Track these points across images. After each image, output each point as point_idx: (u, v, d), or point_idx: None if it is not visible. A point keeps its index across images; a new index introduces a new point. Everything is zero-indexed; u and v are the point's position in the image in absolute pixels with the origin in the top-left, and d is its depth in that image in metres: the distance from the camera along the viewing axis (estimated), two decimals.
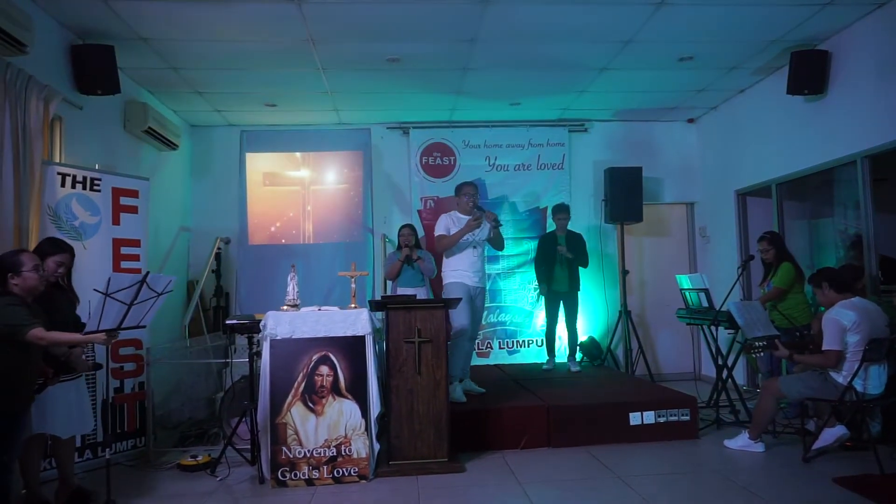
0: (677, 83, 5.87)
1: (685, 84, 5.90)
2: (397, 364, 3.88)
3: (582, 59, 5.20)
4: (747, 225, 6.29)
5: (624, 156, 6.95)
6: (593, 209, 6.96)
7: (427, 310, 3.95)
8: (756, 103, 5.95)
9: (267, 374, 3.79)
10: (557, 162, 6.90)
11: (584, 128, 7.03)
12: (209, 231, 6.56)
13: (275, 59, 5.00)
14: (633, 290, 6.96)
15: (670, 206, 7.21)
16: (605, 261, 6.90)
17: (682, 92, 6.14)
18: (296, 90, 5.78)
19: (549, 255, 5.99)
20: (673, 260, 7.11)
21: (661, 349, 7.04)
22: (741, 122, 6.21)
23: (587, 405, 4.47)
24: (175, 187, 6.39)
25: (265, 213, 6.55)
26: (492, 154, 6.86)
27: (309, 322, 3.85)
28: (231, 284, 6.60)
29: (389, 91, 5.88)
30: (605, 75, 5.59)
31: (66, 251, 3.32)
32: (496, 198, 6.80)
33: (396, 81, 5.60)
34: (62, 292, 3.33)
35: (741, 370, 6.14)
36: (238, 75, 5.36)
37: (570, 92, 6.07)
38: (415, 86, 5.75)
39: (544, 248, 6.09)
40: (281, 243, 6.52)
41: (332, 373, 3.83)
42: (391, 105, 6.35)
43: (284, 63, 5.10)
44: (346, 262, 6.08)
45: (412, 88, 5.82)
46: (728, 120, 6.48)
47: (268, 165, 6.62)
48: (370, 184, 6.64)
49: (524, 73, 5.50)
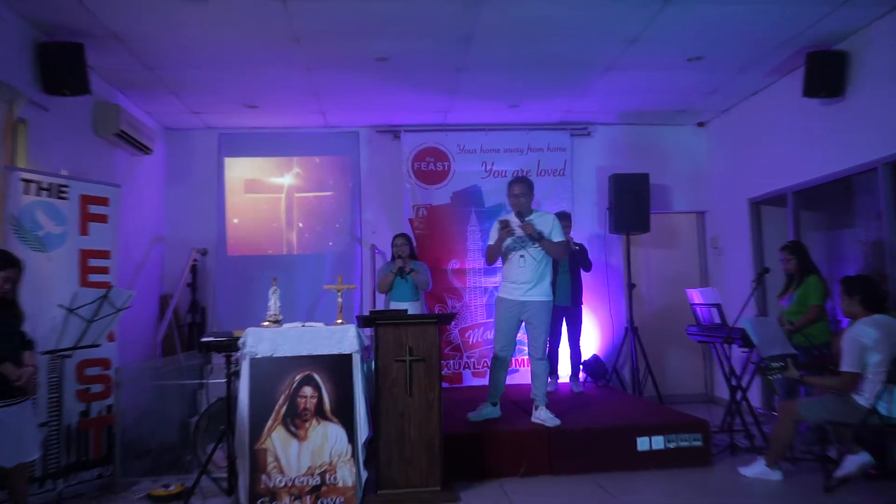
0: (686, 84, 5.90)
1: (695, 85, 5.94)
2: (387, 385, 3.87)
3: (584, 58, 5.23)
4: (762, 236, 6.31)
5: (630, 161, 6.96)
6: (597, 218, 6.96)
7: (419, 326, 3.94)
8: (770, 106, 5.99)
9: (246, 395, 3.78)
10: (559, 168, 6.92)
11: (588, 131, 7.06)
12: (185, 241, 6.56)
13: (256, 57, 5.01)
14: (640, 306, 6.94)
15: (679, 215, 7.23)
16: (610, 274, 6.91)
17: (692, 94, 6.17)
18: (279, 91, 5.80)
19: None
20: (683, 273, 7.11)
21: (670, 369, 7.02)
22: (755, 126, 6.24)
23: (591, 429, 4.45)
24: (148, 195, 6.39)
25: (245, 221, 6.64)
26: (489, 159, 6.88)
27: (292, 339, 3.84)
28: (208, 299, 6.60)
29: (379, 92, 5.89)
30: (609, 76, 5.63)
31: (15, 265, 3.37)
32: (493, 206, 6.81)
33: (386, 82, 5.62)
34: (6, 308, 3.36)
35: (757, 391, 6.13)
36: (217, 75, 5.37)
37: (572, 93, 6.10)
38: (406, 86, 5.77)
39: None
40: (262, 254, 6.58)
41: (317, 394, 3.81)
42: (381, 107, 6.37)
43: (267, 62, 5.11)
44: (332, 275, 6.32)
45: (403, 89, 5.84)
46: (741, 124, 6.51)
47: (248, 171, 6.70)
48: (358, 191, 6.71)
49: (523, 73, 5.53)
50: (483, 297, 6.75)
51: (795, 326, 4.70)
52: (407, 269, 5.38)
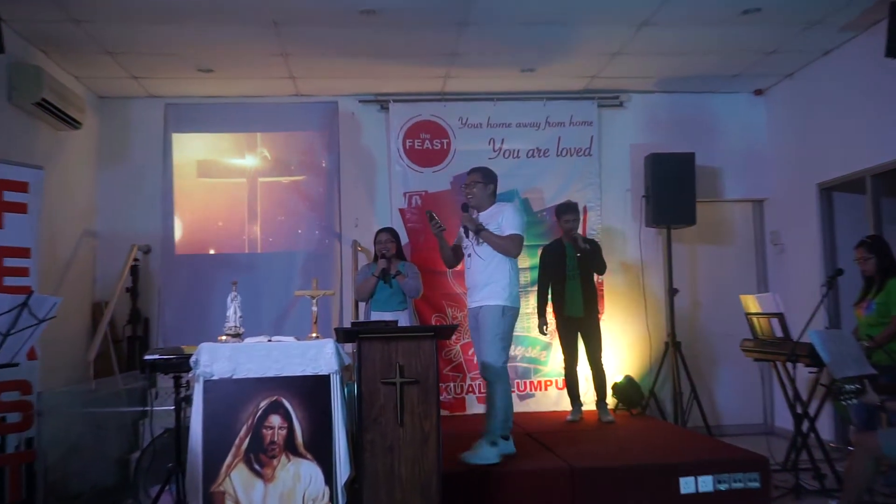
0: (740, 43, 5.88)
1: (750, 44, 5.91)
2: (372, 412, 3.84)
3: (615, 10, 5.21)
4: (834, 229, 6.31)
5: (671, 138, 6.90)
6: (631, 208, 6.93)
7: (412, 340, 3.92)
8: (844, 69, 5.97)
9: (199, 426, 3.76)
10: (584, 146, 6.88)
11: (619, 101, 7.01)
12: (123, 237, 6.51)
13: (212, 8, 4.98)
14: (684, 316, 6.88)
15: (732, 203, 7.18)
16: (646, 276, 6.88)
17: (747, 54, 6.15)
18: (239, 51, 5.78)
19: (556, 272, 6.04)
20: (736, 275, 7.06)
21: (721, 393, 6.99)
22: (825, 93, 6.23)
23: (624, 467, 4.45)
24: (78, 179, 6.36)
25: (199, 213, 6.60)
26: (497, 136, 6.84)
27: (256, 357, 3.85)
28: (152, 307, 6.57)
29: (363, 53, 5.87)
30: (645, 32, 5.60)
31: None
32: (503, 193, 6.51)
33: (372, 39, 5.60)
34: None
35: (827, 421, 6.10)
36: (163, 31, 5.34)
37: (600, 54, 6.07)
38: (396, 46, 5.75)
39: (548, 262, 6.13)
40: (219, 253, 6.56)
41: (286, 424, 3.80)
42: (365, 72, 6.33)
43: (225, 14, 5.09)
44: (305, 279, 6.30)
45: (393, 50, 5.81)
46: (808, 91, 6.50)
47: (202, 151, 6.67)
48: (337, 175, 6.67)
49: (539, 28, 5.49)
50: None
51: (875, 341, 4.67)
52: (392, 272, 5.37)
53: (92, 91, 6.59)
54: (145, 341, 6.48)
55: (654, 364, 6.72)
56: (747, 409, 7.00)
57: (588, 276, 6.03)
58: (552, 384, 6.71)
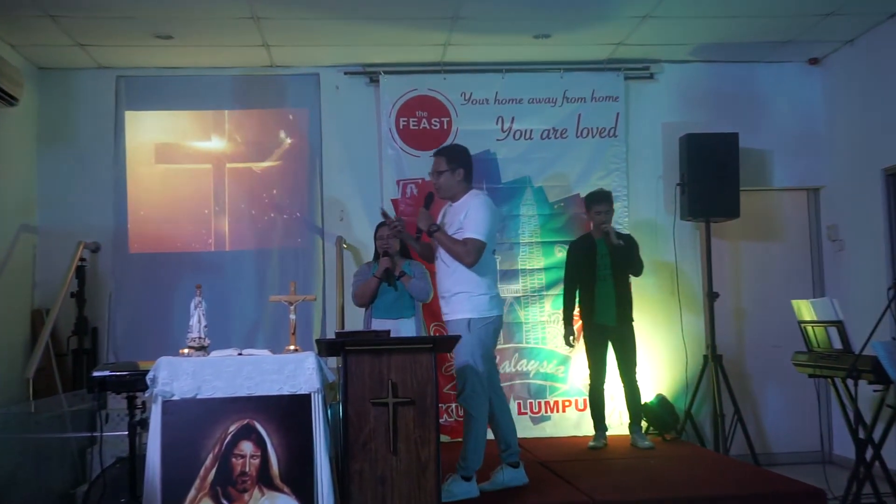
0: (792, 3, 5.87)
1: (804, 4, 5.90)
2: (360, 438, 3.86)
3: None
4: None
5: (710, 116, 6.88)
6: (663, 198, 6.95)
7: (407, 353, 3.93)
8: None
9: (157, 455, 3.75)
10: (608, 126, 6.87)
11: (650, 73, 7.01)
12: (67, 233, 6.48)
13: None
14: (726, 324, 6.83)
15: (782, 192, 7.17)
16: (681, 278, 6.86)
17: (800, 17, 6.13)
18: (204, 14, 5.77)
19: (585, 272, 6.03)
20: (787, 277, 7.05)
21: (769, 415, 6.97)
22: (892, 62, 6.19)
23: (655, 502, 4.47)
24: (14, 165, 6.35)
25: (157, 204, 6.63)
26: (506, 114, 6.83)
27: (224, 373, 3.84)
28: (101, 315, 6.58)
29: (349, 16, 5.87)
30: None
31: None
32: (513, 181, 6.81)
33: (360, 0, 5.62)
34: None
35: (895, 447, 6.16)
36: None
37: (628, 17, 6.05)
38: (388, 7, 5.73)
39: (576, 261, 6.13)
40: (180, 251, 6.57)
41: (260, 452, 3.80)
42: (351, 38, 6.33)
43: None
44: (281, 281, 6.44)
45: (384, 12, 5.81)
46: (872, 60, 6.46)
47: (160, 132, 6.68)
48: (319, 161, 6.72)
49: None
50: None
51: None
52: (396, 272, 5.36)
53: (31, 62, 6.54)
54: (94, 355, 6.47)
55: (690, 381, 6.69)
56: (801, 434, 6.90)
57: (622, 277, 6.03)
58: (571, 405, 6.70)
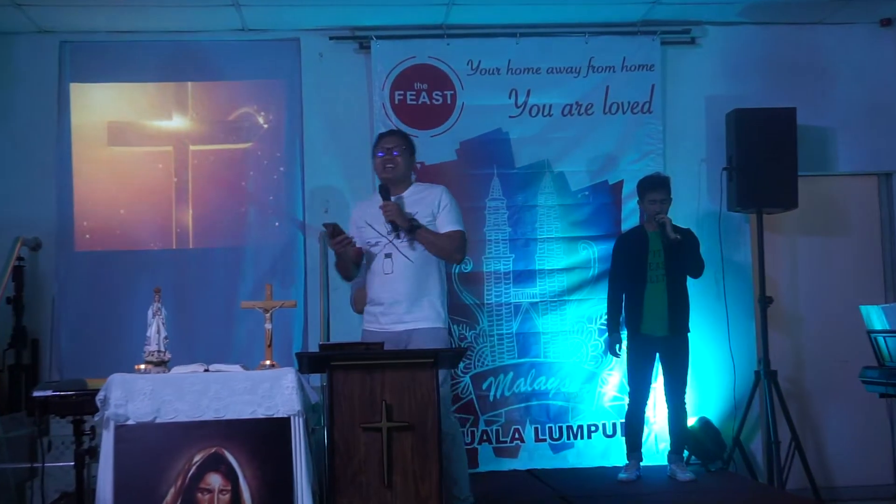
0: None
1: None
2: (349, 470, 3.84)
3: None
4: None
5: (763, 88, 6.82)
6: (706, 185, 6.87)
7: (404, 370, 3.92)
8: None
9: (109, 488, 3.78)
10: (642, 100, 6.78)
11: (690, 37, 6.90)
12: (1, 227, 6.38)
13: None
14: (782, 334, 6.84)
15: (849, 178, 7.11)
16: (728, 280, 6.72)
17: None
18: None
19: (634, 272, 5.97)
20: (854, 278, 6.99)
21: (833, 441, 6.88)
22: None
23: None
24: None
25: (109, 194, 6.62)
26: (521, 85, 6.75)
27: (188, 394, 3.90)
28: (43, 325, 6.56)
29: None
30: None
31: None
32: (528, 165, 6.70)
33: None
34: None
35: None
36: None
37: None
38: None
39: (626, 257, 6.06)
40: (135, 249, 6.62)
41: (230, 486, 3.85)
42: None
43: None
44: (255, 284, 6.46)
45: None
46: None
47: (112, 108, 6.67)
48: (299, 141, 6.71)
49: None
50: (513, 318, 6.67)
51: None
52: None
53: None
54: (34, 372, 6.46)
55: (739, 402, 6.62)
56: (870, 464, 6.89)
57: (678, 278, 5.95)
58: (598, 429, 6.64)
